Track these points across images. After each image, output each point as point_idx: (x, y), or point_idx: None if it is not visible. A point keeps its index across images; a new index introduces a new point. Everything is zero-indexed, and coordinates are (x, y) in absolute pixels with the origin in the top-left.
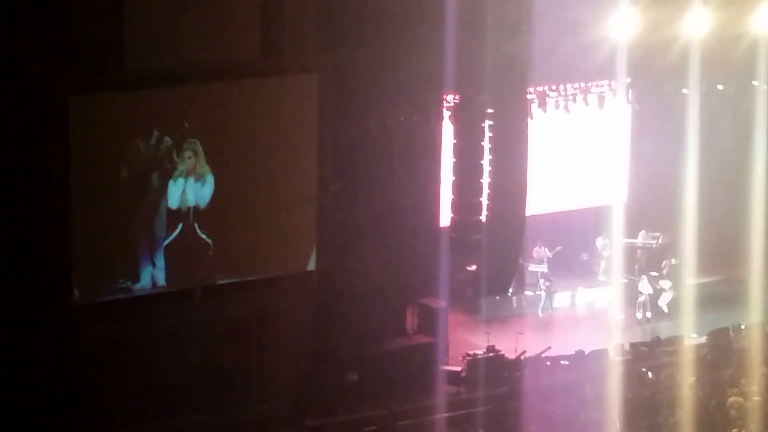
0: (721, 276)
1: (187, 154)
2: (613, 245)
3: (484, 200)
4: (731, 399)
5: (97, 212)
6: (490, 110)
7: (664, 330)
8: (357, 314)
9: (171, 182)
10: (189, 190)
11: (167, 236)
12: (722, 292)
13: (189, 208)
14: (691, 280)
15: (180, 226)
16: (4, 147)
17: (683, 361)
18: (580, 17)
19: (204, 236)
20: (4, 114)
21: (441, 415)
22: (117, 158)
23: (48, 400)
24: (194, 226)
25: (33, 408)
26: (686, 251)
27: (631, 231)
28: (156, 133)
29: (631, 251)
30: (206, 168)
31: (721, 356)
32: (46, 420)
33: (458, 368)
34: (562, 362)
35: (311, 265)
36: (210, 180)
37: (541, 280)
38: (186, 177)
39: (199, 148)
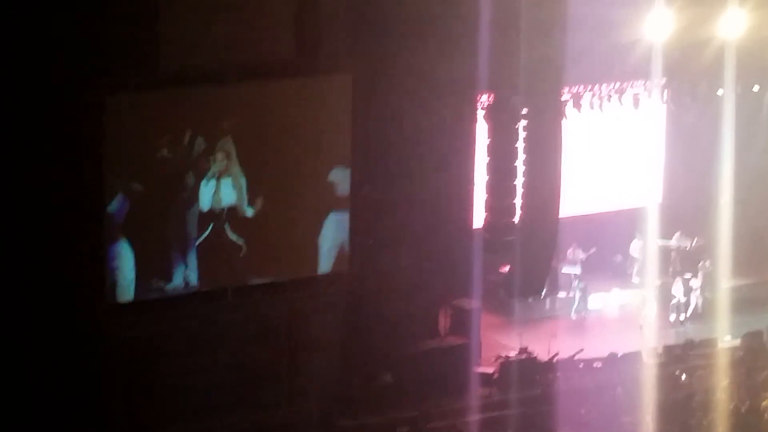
0: (756, 279)
1: (220, 155)
2: (647, 247)
3: (518, 201)
4: (765, 402)
5: (131, 211)
6: (524, 111)
7: (698, 333)
8: (389, 315)
9: (203, 183)
10: (222, 191)
11: (198, 236)
12: (757, 295)
13: (222, 209)
14: (725, 283)
15: (211, 226)
16: (39, 147)
17: (717, 364)
18: (614, 17)
19: (234, 237)
20: (38, 114)
21: (473, 417)
22: (150, 158)
23: (79, 400)
24: (225, 227)
25: (64, 408)
26: (721, 253)
27: (666, 233)
28: (189, 133)
29: (665, 253)
30: (239, 169)
31: (755, 359)
32: (78, 420)
33: (490, 370)
34: (595, 365)
35: (322, 269)
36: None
37: (575, 282)
38: (218, 178)
39: (232, 149)
